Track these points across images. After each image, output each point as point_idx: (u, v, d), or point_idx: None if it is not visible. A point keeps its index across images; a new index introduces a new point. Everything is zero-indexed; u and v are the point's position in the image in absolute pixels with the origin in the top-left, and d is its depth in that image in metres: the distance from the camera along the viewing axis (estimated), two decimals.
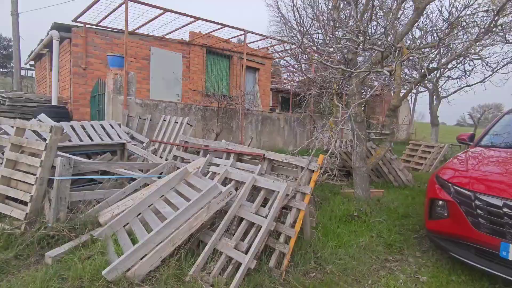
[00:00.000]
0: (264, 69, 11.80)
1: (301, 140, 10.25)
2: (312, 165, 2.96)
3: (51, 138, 2.96)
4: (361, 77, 4.11)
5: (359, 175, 5.18)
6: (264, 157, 3.33)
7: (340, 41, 3.93)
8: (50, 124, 3.08)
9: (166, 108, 6.45)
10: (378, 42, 3.77)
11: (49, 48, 9.16)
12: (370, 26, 4.07)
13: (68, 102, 7.58)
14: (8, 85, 21.89)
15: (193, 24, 7.82)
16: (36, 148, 3.01)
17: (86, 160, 3.48)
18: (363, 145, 4.86)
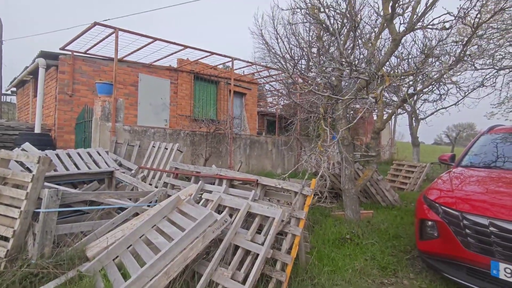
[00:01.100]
0: (250, 93, 12.08)
1: (288, 162, 10.35)
2: (305, 190, 3.00)
3: (38, 168, 2.88)
4: (347, 102, 4.31)
5: (348, 197, 5.26)
6: (258, 182, 3.35)
7: (326, 69, 4.15)
8: (37, 154, 3.00)
9: (154, 134, 6.42)
10: (361, 70, 4.01)
11: (33, 75, 9.06)
12: (353, 55, 4.34)
13: (52, 129, 7.40)
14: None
15: (181, 51, 8.02)
16: (21, 180, 2.91)
17: (74, 190, 3.37)
18: (351, 167, 4.98)
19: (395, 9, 3.92)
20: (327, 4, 4.11)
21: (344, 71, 4.48)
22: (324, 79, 4.19)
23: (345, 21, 4.28)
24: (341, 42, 4.15)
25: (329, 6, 4.02)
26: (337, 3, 4.69)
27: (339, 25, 4.30)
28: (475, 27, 4.05)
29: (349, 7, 4.31)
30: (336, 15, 4.22)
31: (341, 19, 4.27)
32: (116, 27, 5.96)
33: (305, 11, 5.20)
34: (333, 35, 4.18)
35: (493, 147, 4.17)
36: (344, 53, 3.40)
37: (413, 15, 4.21)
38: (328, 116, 4.91)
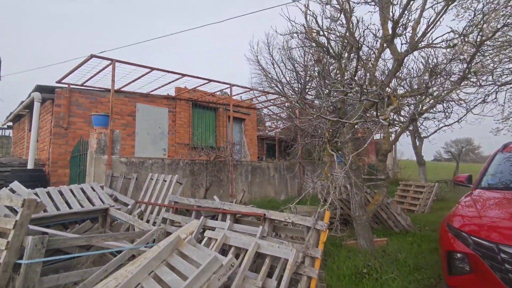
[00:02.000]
0: (249, 118, 11.99)
1: (292, 188, 10.01)
2: (319, 225, 2.71)
3: (22, 213, 2.59)
4: (355, 125, 4.14)
5: (360, 224, 4.93)
6: (265, 217, 3.06)
7: (330, 92, 4.02)
8: (23, 196, 2.72)
9: (152, 165, 6.17)
10: (371, 92, 3.87)
11: (29, 109, 8.94)
12: (357, 77, 4.24)
13: (46, 164, 7.14)
14: None
15: (179, 79, 7.98)
16: (3, 227, 2.61)
17: (63, 234, 3.06)
18: (361, 193, 4.70)
19: (396, 30, 3.86)
20: (326, 27, 4.06)
21: (349, 93, 4.35)
22: (327, 102, 4.04)
23: (345, 43, 4.21)
24: (347, 65, 4.06)
25: (329, 29, 3.96)
26: (335, 26, 4.67)
27: (339, 48, 4.23)
28: (477, 44, 3.98)
29: (349, 30, 4.27)
30: (336, 38, 4.16)
31: (341, 41, 4.21)
32: (113, 59, 5.91)
33: (303, 36, 5.18)
34: (335, 58, 4.09)
35: (510, 165, 3.94)
36: (353, 75, 3.27)
37: (414, 35, 4.16)
38: (333, 140, 4.71)
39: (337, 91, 3.74)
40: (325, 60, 4.98)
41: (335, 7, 4.65)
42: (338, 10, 4.61)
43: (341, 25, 4.83)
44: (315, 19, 3.86)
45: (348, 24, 4.20)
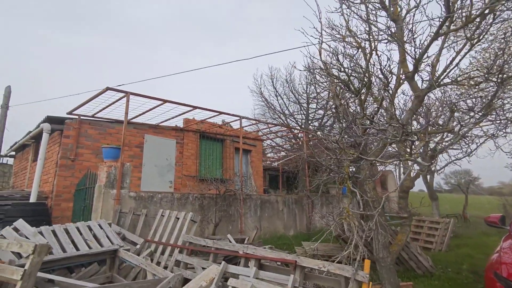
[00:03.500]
0: (255, 150, 11.88)
1: (300, 223, 9.61)
2: (359, 276, 2.45)
3: (32, 261, 2.33)
4: (377, 162, 4.00)
5: (384, 267, 4.59)
6: (296, 264, 2.79)
7: (351, 128, 3.94)
8: (33, 243, 2.48)
9: (162, 199, 5.90)
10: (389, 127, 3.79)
11: (35, 140, 8.82)
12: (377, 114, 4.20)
13: (49, 197, 6.85)
14: None
15: (188, 112, 7.98)
16: (9, 277, 2.33)
17: (70, 281, 2.75)
18: (386, 232, 4.43)
19: (418, 67, 3.87)
20: (347, 65, 4.08)
21: (371, 128, 4.27)
22: (348, 138, 3.94)
23: (364, 80, 4.21)
24: (367, 100, 4.03)
25: (354, 66, 3.98)
26: (352, 62, 4.72)
27: (359, 84, 4.22)
28: (499, 82, 3.97)
29: (367, 67, 4.30)
30: (354, 74, 4.17)
31: (360, 78, 4.21)
32: (128, 91, 5.92)
33: (320, 71, 5.23)
34: (355, 94, 4.06)
35: None
36: (376, 111, 3.20)
37: (434, 72, 4.17)
38: (354, 176, 4.53)
39: (360, 126, 3.64)
40: (342, 95, 4.98)
41: (352, 44, 4.73)
42: (355, 47, 4.68)
43: (352, 61, 4.90)
44: (336, 57, 3.88)
45: (367, 61, 4.23)
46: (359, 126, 3.47)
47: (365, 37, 4.29)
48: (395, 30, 3.93)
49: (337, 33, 5.05)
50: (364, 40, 4.43)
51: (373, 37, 3.70)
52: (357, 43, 4.39)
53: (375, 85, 5.16)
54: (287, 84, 20.77)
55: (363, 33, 4.62)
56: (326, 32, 5.02)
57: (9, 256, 3.16)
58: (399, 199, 5.07)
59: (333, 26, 5.12)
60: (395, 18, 3.93)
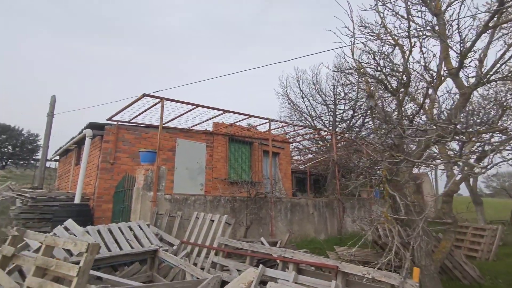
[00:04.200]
0: (283, 153, 11.81)
1: (331, 226, 9.38)
2: (408, 284, 2.32)
3: (86, 259, 2.48)
4: (415, 164, 3.81)
5: (427, 276, 4.35)
6: (338, 270, 2.71)
7: (389, 128, 3.77)
8: (85, 241, 2.63)
9: (195, 202, 6.05)
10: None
11: (77, 144, 9.45)
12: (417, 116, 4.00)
13: (91, 199, 7.29)
14: (27, 178, 22.36)
15: (218, 116, 8.13)
16: (65, 273, 2.50)
17: (125, 282, 2.89)
18: (430, 239, 4.19)
19: (463, 63, 3.63)
20: (383, 63, 3.93)
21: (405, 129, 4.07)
22: (387, 139, 3.78)
23: (403, 79, 4.02)
24: (405, 100, 3.84)
25: (393, 66, 3.82)
26: (390, 61, 4.54)
27: (396, 83, 4.05)
28: None
29: (405, 65, 4.11)
30: (393, 72, 4.00)
31: (398, 77, 4.03)
32: (163, 97, 6.16)
33: (352, 71, 5.10)
34: (393, 93, 3.90)
35: None
36: (417, 112, 3.04)
37: (481, 68, 3.90)
38: (392, 178, 4.33)
39: (401, 127, 3.48)
40: (378, 95, 4.80)
41: (389, 42, 4.55)
42: (391, 45, 4.50)
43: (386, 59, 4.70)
44: (372, 55, 3.75)
45: (406, 59, 4.04)
46: (400, 127, 3.31)
47: (403, 34, 4.11)
48: (437, 25, 3.73)
49: (370, 31, 4.90)
50: (402, 37, 4.25)
51: (417, 33, 3.53)
52: (394, 40, 4.22)
53: (412, 84, 4.92)
54: (314, 85, 20.48)
55: (399, 30, 4.44)
56: (360, 31, 4.90)
57: (62, 253, 3.39)
58: (443, 203, 4.77)
59: (366, 25, 4.98)
60: (437, 12, 3.73)
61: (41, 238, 2.86)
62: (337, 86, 19.56)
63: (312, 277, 2.90)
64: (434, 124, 3.00)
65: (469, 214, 11.65)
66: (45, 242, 2.78)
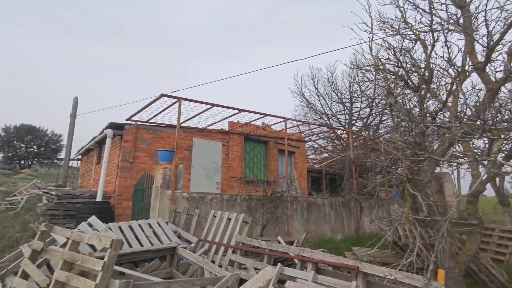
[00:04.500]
0: (299, 152, 11.73)
1: (348, 226, 9.22)
2: (433, 286, 2.24)
3: (110, 254, 2.56)
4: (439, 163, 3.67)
5: (452, 279, 4.19)
6: (359, 270, 2.66)
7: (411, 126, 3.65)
8: (109, 237, 2.72)
9: (212, 200, 6.11)
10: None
11: (98, 144, 9.77)
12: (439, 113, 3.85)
13: (112, 196, 7.52)
14: (51, 176, 23.39)
15: (234, 115, 8.17)
16: (91, 268, 2.59)
17: (145, 277, 2.96)
18: (454, 240, 4.03)
19: (490, 57, 3.47)
20: (404, 59, 3.82)
21: (428, 127, 3.93)
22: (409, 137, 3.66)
23: (425, 75, 3.89)
24: (426, 97, 3.71)
25: (416, 62, 3.71)
26: (410, 57, 4.40)
27: (418, 80, 3.91)
28: None
29: (428, 60, 3.97)
30: (414, 68, 3.88)
31: (420, 73, 3.90)
32: (180, 97, 6.26)
33: (370, 68, 4.98)
34: (414, 90, 3.77)
35: None
36: (440, 108, 2.93)
37: (510, 62, 3.70)
38: (413, 177, 4.20)
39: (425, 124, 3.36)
40: (397, 92, 4.66)
41: (409, 37, 4.41)
42: (412, 39, 4.37)
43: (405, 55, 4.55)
44: (392, 51, 3.65)
45: (428, 54, 3.90)
46: (424, 124, 3.20)
47: (425, 29, 3.97)
48: (462, 17, 3.58)
49: (389, 27, 4.77)
50: (424, 32, 4.11)
51: (440, 27, 3.40)
52: (415, 35, 4.08)
53: (434, 81, 4.75)
54: (329, 83, 20.21)
55: (420, 24, 4.30)
56: (379, 27, 4.78)
57: (87, 249, 3.52)
58: (468, 204, 4.58)
59: (385, 20, 4.85)
60: (462, 4, 3.58)
61: (67, 234, 2.98)
62: (354, 83, 19.21)
63: (332, 277, 2.87)
64: (459, 121, 2.88)
65: (495, 216, 11.13)
66: (71, 238, 2.89)
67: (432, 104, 5.83)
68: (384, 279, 2.65)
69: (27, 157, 33.55)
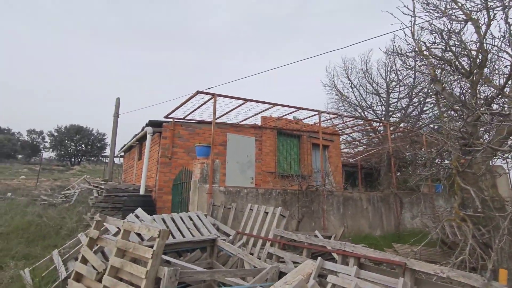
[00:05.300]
0: (333, 145, 11.43)
1: (388, 222, 8.83)
2: (493, 287, 2.07)
3: (158, 243, 2.71)
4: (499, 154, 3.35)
5: (511, 281, 3.83)
6: (406, 267, 2.54)
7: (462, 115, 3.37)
8: (155, 227, 2.88)
9: (247, 194, 6.21)
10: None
11: (139, 141, 10.36)
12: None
13: (153, 190, 7.95)
14: (98, 172, 25.37)
15: (266, 109, 8.17)
16: (141, 255, 2.77)
17: (190, 266, 3.11)
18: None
19: None
20: (453, 43, 3.51)
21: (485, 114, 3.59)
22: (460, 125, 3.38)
23: (478, 58, 3.55)
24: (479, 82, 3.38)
25: (466, 44, 3.40)
26: (457, 39, 4.04)
27: (470, 64, 3.58)
28: None
29: (480, 42, 3.61)
30: (466, 51, 3.55)
31: (472, 57, 3.56)
32: (215, 93, 6.40)
33: (413, 54, 4.66)
34: (466, 75, 3.46)
35: None
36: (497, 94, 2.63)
37: None
38: (464, 170, 3.89)
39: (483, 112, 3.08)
40: (444, 79, 4.32)
41: (458, 18, 4.05)
42: (462, 20, 4.00)
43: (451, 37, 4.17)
44: (440, 34, 3.37)
45: (482, 35, 3.55)
46: (480, 112, 2.93)
47: (477, 8, 3.61)
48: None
49: (434, 8, 4.42)
50: (476, 11, 3.74)
51: (501, 2, 3.07)
52: (466, 15, 3.73)
53: (488, 64, 4.32)
54: (363, 74, 19.35)
55: (470, 3, 3.92)
56: (422, 8, 4.45)
57: (135, 238, 3.76)
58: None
59: (428, 1, 4.50)
60: None
61: (119, 224, 3.21)
62: (391, 73, 18.20)
63: (376, 273, 2.77)
64: None
65: None
66: (123, 227, 3.11)
67: (484, 90, 5.35)
68: (433, 277, 2.50)
69: (76, 154, 36.69)
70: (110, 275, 2.89)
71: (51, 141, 35.83)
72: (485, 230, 4.21)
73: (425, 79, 11.64)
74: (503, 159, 7.43)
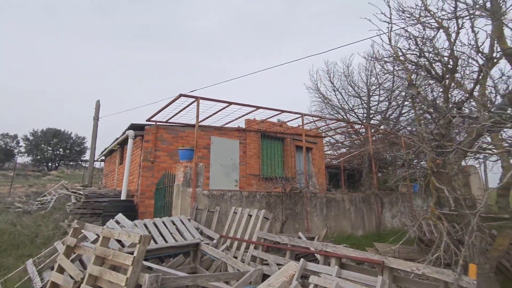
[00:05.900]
0: (316, 147, 11.62)
1: (369, 222, 9.06)
2: (464, 281, 2.18)
3: (139, 249, 2.66)
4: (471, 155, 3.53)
5: (482, 275, 4.04)
6: (384, 265, 2.62)
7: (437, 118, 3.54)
8: (139, 234, 2.82)
9: (231, 197, 6.19)
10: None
11: (120, 145, 10.11)
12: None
13: (135, 195, 7.77)
14: (77, 177, 24.45)
15: (250, 112, 8.21)
16: (122, 262, 2.70)
17: (172, 272, 3.06)
18: (485, 235, 3.88)
19: None
20: (427, 49, 3.69)
21: (454, 117, 3.79)
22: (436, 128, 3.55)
23: (451, 63, 3.74)
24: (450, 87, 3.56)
25: (439, 50, 3.58)
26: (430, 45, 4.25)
27: (442, 69, 3.77)
28: None
29: (451, 48, 3.82)
30: (438, 57, 3.74)
31: (444, 62, 3.76)
32: (198, 96, 6.36)
33: (389, 59, 4.85)
34: (438, 80, 3.64)
35: None
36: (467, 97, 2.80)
37: None
38: (438, 171, 4.07)
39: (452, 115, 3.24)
40: (419, 83, 4.52)
41: (431, 26, 4.26)
42: (435, 28, 4.21)
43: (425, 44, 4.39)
44: (414, 40, 3.53)
45: (452, 42, 3.75)
46: (451, 115, 3.09)
47: (448, 16, 3.82)
48: (489, 1, 3.41)
49: (409, 16, 4.63)
50: (447, 19, 3.95)
51: (467, 12, 3.26)
52: (438, 23, 3.93)
53: (459, 69, 4.56)
54: (345, 77, 19.82)
55: (442, 12, 4.13)
56: (398, 16, 4.64)
57: (115, 244, 3.67)
58: (498, 197, 4.38)
59: (404, 9, 4.70)
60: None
61: (98, 230, 3.12)
62: (371, 76, 18.75)
63: (356, 272, 2.84)
64: (488, 111, 2.76)
65: None
66: (102, 234, 3.03)
67: (456, 94, 5.62)
68: (411, 274, 2.60)
69: (54, 159, 35.21)
70: (88, 284, 2.80)
71: (26, 145, 34.20)
72: (458, 227, 4.41)
73: (403, 83, 12.11)
74: (475, 159, 7.83)
